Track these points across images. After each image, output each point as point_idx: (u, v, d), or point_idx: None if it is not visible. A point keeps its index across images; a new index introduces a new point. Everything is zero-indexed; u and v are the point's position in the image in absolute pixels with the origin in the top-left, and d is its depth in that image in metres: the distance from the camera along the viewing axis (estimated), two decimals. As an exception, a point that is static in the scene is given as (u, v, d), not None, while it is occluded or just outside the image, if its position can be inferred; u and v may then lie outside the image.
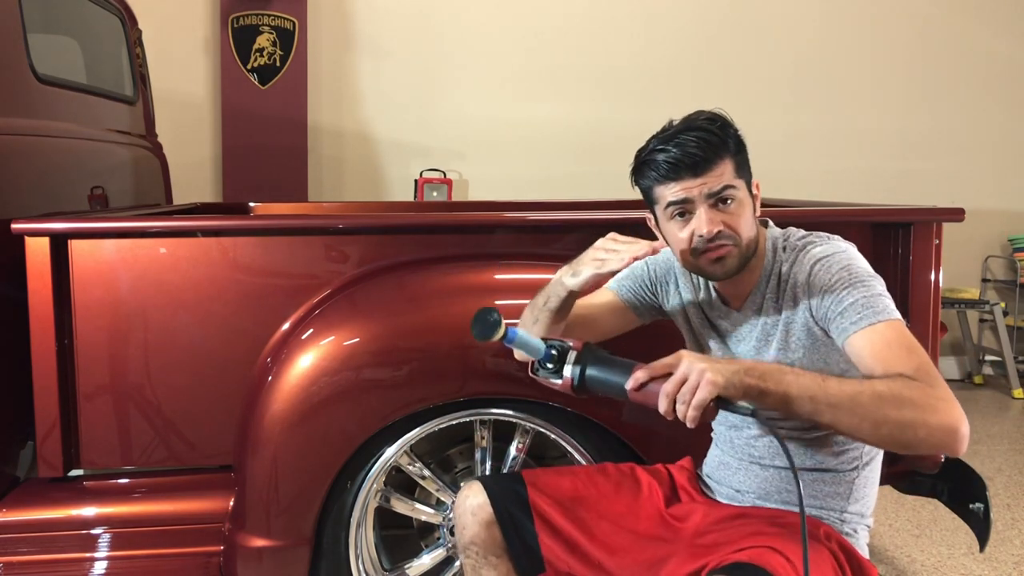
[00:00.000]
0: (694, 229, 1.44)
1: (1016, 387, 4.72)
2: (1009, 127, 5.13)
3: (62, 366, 1.89)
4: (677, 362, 1.27)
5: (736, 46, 4.96)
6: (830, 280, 1.40)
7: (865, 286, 1.38)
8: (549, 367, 1.35)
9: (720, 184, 1.43)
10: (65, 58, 2.62)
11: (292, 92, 4.67)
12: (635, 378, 1.29)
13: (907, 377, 1.26)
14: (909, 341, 1.33)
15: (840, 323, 1.37)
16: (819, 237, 1.51)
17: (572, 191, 4.82)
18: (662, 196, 1.47)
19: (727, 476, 1.59)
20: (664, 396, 1.26)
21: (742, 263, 1.46)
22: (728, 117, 1.48)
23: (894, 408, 1.22)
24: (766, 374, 1.27)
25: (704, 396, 1.22)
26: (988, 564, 2.67)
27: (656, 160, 1.45)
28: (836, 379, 1.28)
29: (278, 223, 2.07)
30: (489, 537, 1.55)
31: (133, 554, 1.92)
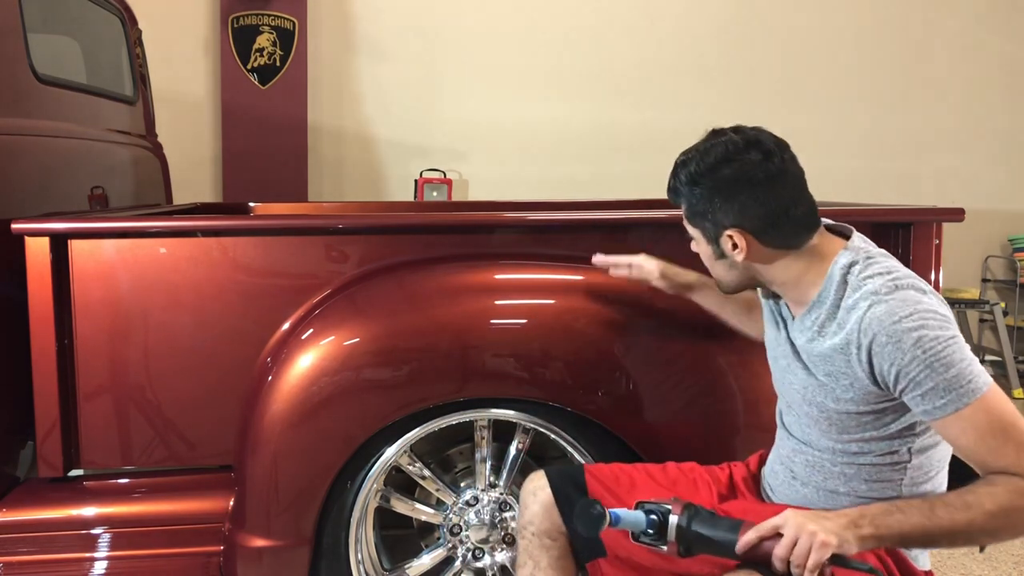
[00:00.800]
0: None
1: (1016, 387, 4.72)
2: (1009, 127, 5.13)
3: (62, 366, 1.89)
4: (784, 522, 1.24)
5: (736, 46, 4.96)
6: (903, 358, 1.29)
7: (942, 364, 1.27)
8: (651, 534, 1.33)
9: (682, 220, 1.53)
10: (65, 58, 2.62)
11: (292, 92, 4.67)
12: (744, 542, 1.27)
13: (1011, 475, 1.25)
14: (1002, 421, 1.27)
15: (922, 405, 1.30)
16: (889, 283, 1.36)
17: (572, 191, 4.82)
18: None
19: (777, 485, 1.58)
20: (777, 560, 1.24)
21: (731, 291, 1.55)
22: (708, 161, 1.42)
23: (1009, 525, 1.24)
24: (874, 520, 1.25)
25: (819, 559, 1.20)
26: (988, 564, 2.67)
27: None
28: (943, 505, 1.26)
29: (278, 223, 2.07)
30: (547, 519, 1.59)
31: (133, 554, 1.92)
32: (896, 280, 1.37)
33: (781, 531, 1.24)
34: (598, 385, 1.87)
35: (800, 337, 1.47)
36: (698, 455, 1.77)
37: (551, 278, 1.94)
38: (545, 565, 1.59)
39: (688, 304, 1.86)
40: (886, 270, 1.39)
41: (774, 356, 1.59)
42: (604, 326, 1.88)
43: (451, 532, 2.00)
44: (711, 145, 1.43)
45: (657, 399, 1.89)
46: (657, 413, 1.89)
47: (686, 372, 1.90)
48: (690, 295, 1.83)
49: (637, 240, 2.05)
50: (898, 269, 1.41)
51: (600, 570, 1.57)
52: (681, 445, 1.88)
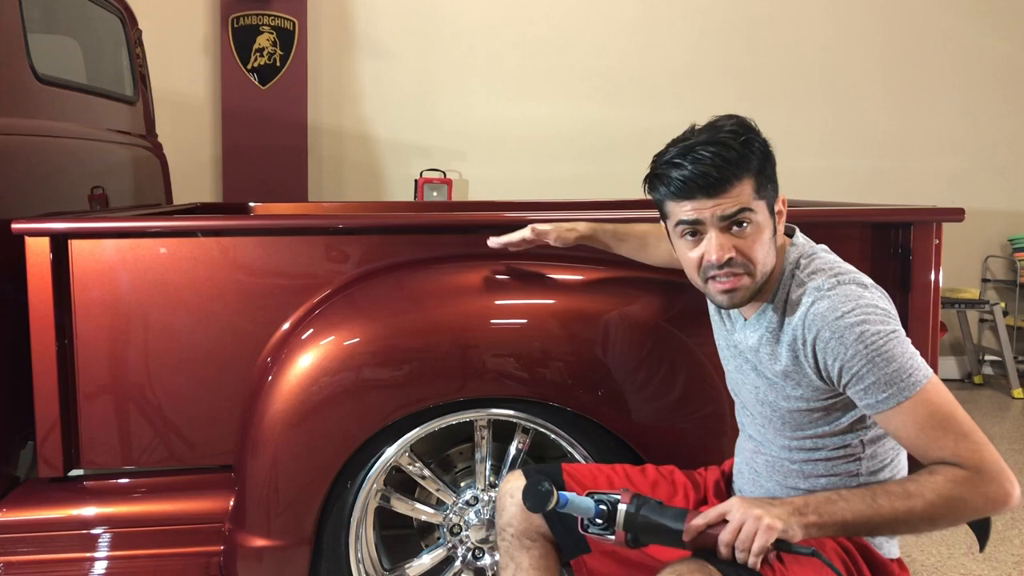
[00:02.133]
0: (703, 253, 1.39)
1: (1016, 387, 4.72)
2: (1009, 127, 5.12)
3: (62, 366, 1.89)
4: (730, 509, 1.26)
5: (736, 46, 4.96)
6: (845, 352, 1.32)
7: (883, 358, 1.30)
8: (599, 523, 1.34)
9: (735, 207, 1.35)
10: (65, 58, 2.62)
11: (292, 92, 4.67)
12: (690, 528, 1.28)
13: (951, 465, 1.27)
14: (941, 413, 1.29)
15: (865, 399, 1.33)
16: (831, 279, 1.39)
17: (572, 191, 4.82)
18: (673, 213, 1.42)
19: (743, 485, 1.60)
20: (723, 545, 1.25)
21: (753, 294, 1.41)
22: (754, 127, 1.40)
23: (949, 512, 1.27)
24: (818, 508, 1.27)
25: (764, 543, 1.22)
26: (988, 564, 2.67)
27: (669, 176, 1.38)
28: (885, 494, 1.28)
29: (278, 223, 2.07)
30: (525, 520, 1.57)
31: (133, 554, 1.92)
32: (838, 276, 1.39)
33: (727, 517, 1.26)
34: (598, 385, 1.87)
35: (751, 338, 1.49)
36: (698, 454, 1.78)
37: (551, 278, 1.94)
38: (527, 566, 1.59)
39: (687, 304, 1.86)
40: (828, 265, 1.42)
41: (725, 358, 1.62)
42: (604, 326, 1.88)
43: (451, 532, 2.01)
44: (739, 119, 1.41)
45: (656, 398, 1.89)
46: (656, 412, 1.89)
47: (686, 372, 1.90)
48: (587, 243, 1.85)
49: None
50: (839, 264, 1.44)
51: (584, 566, 1.57)
52: (680, 444, 1.89)
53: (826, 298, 1.36)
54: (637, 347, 1.88)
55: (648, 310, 1.90)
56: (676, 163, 1.37)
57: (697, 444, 1.89)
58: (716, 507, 1.29)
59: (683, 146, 1.38)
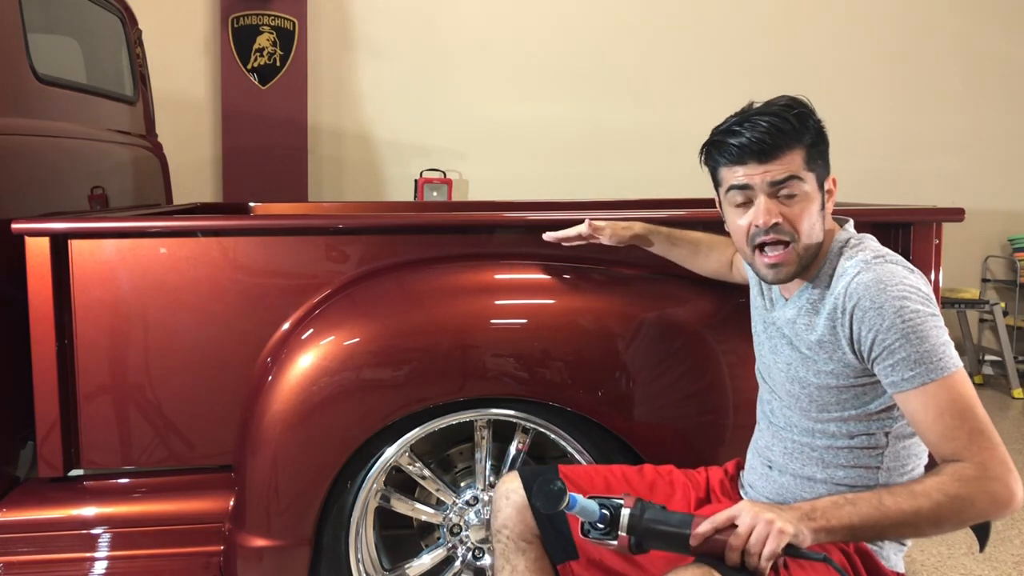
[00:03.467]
0: (751, 219, 1.41)
1: (1016, 387, 4.72)
2: (1009, 127, 5.13)
3: (62, 366, 1.89)
4: (740, 513, 1.25)
5: (736, 46, 4.96)
6: (882, 324, 1.33)
7: (918, 336, 1.30)
8: (601, 528, 1.30)
9: (784, 174, 1.38)
10: (65, 58, 2.62)
11: (292, 92, 4.67)
12: (698, 534, 1.26)
13: (961, 463, 1.27)
14: (962, 403, 1.29)
15: (891, 376, 1.33)
16: (878, 258, 1.41)
17: (572, 191, 4.82)
18: (725, 179, 1.45)
19: (756, 480, 1.59)
20: (732, 550, 1.23)
21: (799, 269, 1.43)
22: (810, 105, 1.43)
23: (955, 513, 1.26)
24: (826, 513, 1.27)
25: (775, 548, 1.21)
26: (988, 564, 2.67)
27: (724, 142, 1.42)
28: (890, 495, 1.28)
29: (278, 223, 2.07)
30: (520, 521, 1.57)
31: (133, 554, 1.92)
32: (885, 255, 1.42)
33: (736, 522, 1.25)
34: (598, 385, 1.87)
35: (790, 312, 1.50)
36: (698, 454, 1.78)
37: (551, 278, 1.94)
38: (522, 568, 1.58)
39: (688, 304, 1.86)
40: (876, 248, 1.46)
41: (760, 342, 1.61)
42: (604, 326, 1.88)
43: (451, 532, 2.01)
44: (796, 98, 1.44)
45: (657, 399, 1.89)
46: (657, 412, 1.89)
47: (686, 372, 1.90)
48: (641, 244, 1.86)
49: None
50: (888, 251, 1.46)
51: (572, 572, 1.56)
52: (680, 444, 1.89)
53: (872, 270, 1.38)
54: (637, 347, 1.88)
55: (648, 310, 1.90)
56: (733, 130, 1.42)
57: (697, 444, 1.89)
58: (724, 511, 1.27)
59: (741, 116, 1.43)
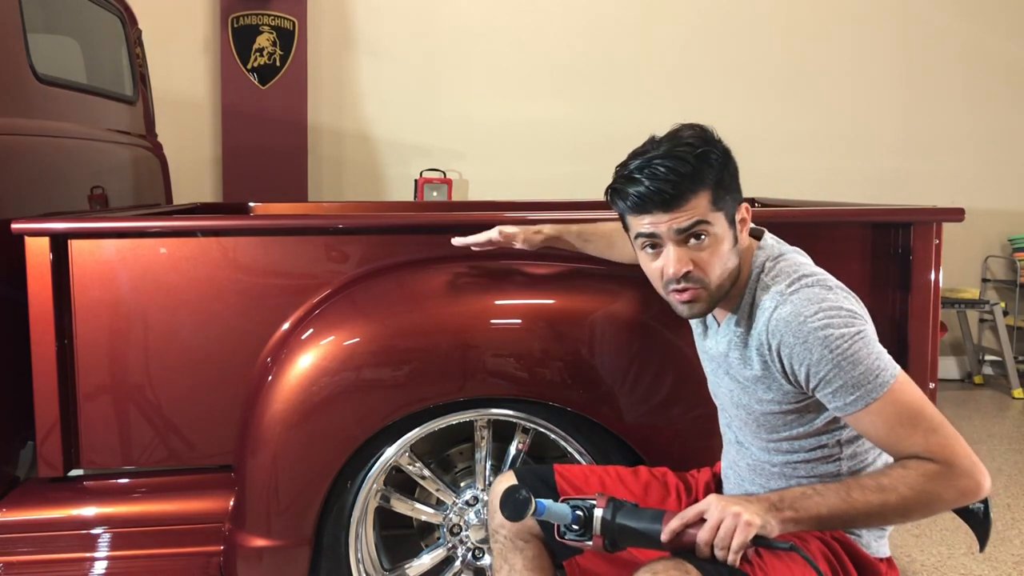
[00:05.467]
0: (662, 266, 1.41)
1: (1016, 387, 4.72)
2: (1009, 127, 5.12)
3: (62, 366, 1.89)
4: (707, 507, 1.27)
5: (736, 45, 4.96)
6: (811, 357, 1.33)
7: (850, 362, 1.30)
8: (576, 529, 1.32)
9: (690, 220, 1.37)
10: (65, 58, 2.62)
11: (292, 92, 4.67)
12: (669, 529, 1.29)
13: (924, 459, 1.28)
14: (910, 410, 1.31)
15: (833, 402, 1.34)
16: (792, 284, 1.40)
17: (572, 191, 4.81)
18: (632, 226, 1.44)
19: (730, 488, 1.62)
20: (702, 544, 1.26)
21: (713, 304, 1.43)
22: (713, 137, 1.41)
23: (923, 506, 1.29)
24: (794, 503, 1.29)
25: (743, 539, 1.23)
26: (988, 564, 2.67)
27: (626, 191, 1.40)
28: (859, 488, 1.29)
29: (278, 223, 2.07)
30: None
31: (133, 554, 1.92)
32: (800, 278, 1.40)
33: (705, 516, 1.27)
34: (598, 385, 1.87)
35: (722, 343, 1.51)
36: (698, 454, 1.78)
37: (551, 278, 1.94)
38: (520, 567, 1.59)
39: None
40: (792, 268, 1.43)
41: (704, 363, 1.63)
42: (603, 326, 1.88)
43: (451, 532, 2.01)
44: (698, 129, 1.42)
45: (657, 399, 1.89)
46: (656, 413, 1.89)
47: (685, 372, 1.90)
48: (554, 245, 1.86)
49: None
50: (804, 267, 1.44)
51: (578, 566, 1.57)
52: (680, 444, 1.88)
53: (788, 303, 1.37)
54: (637, 347, 1.88)
55: (648, 310, 1.90)
56: (634, 178, 1.39)
57: (697, 444, 1.89)
58: (693, 507, 1.30)
59: (640, 161, 1.40)
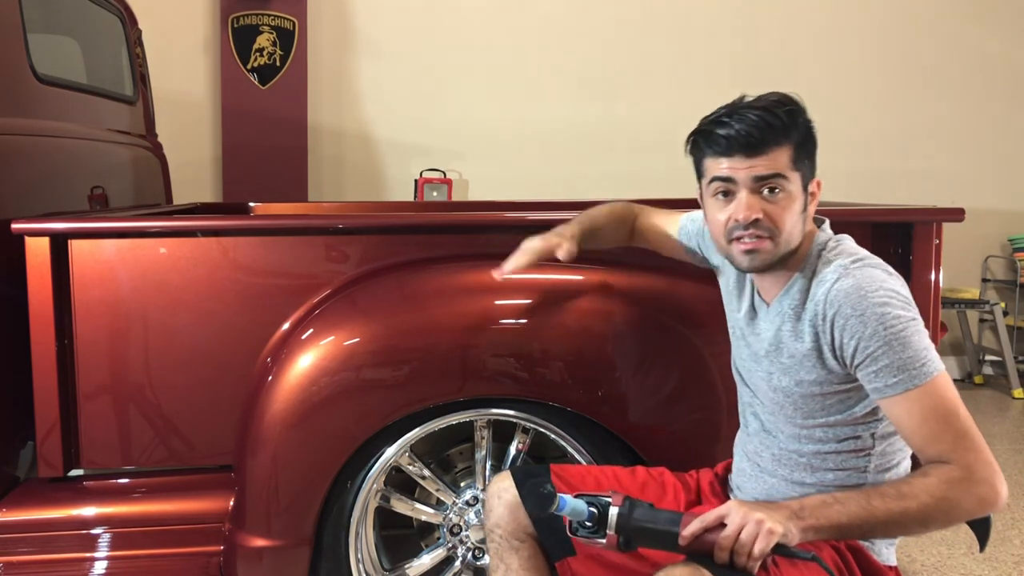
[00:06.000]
0: (731, 212, 1.39)
1: (1016, 387, 4.72)
2: (1009, 127, 5.13)
3: (62, 366, 1.89)
4: (728, 512, 1.25)
5: (736, 46, 4.96)
6: (864, 331, 1.32)
7: (900, 343, 1.30)
8: (589, 526, 1.30)
9: (770, 170, 1.36)
10: (65, 58, 2.62)
11: (292, 92, 4.67)
12: (687, 532, 1.26)
13: (947, 465, 1.28)
14: (946, 407, 1.30)
15: (874, 382, 1.33)
16: (856, 262, 1.41)
17: (572, 191, 4.82)
18: (709, 170, 1.42)
19: (744, 482, 1.59)
20: (721, 549, 1.23)
21: (775, 261, 1.40)
22: (802, 104, 1.41)
23: (942, 514, 1.28)
24: (814, 511, 1.27)
25: (764, 547, 1.21)
26: (988, 564, 2.67)
27: (712, 132, 1.39)
28: (879, 496, 1.28)
29: (278, 223, 2.07)
30: (513, 520, 1.56)
31: (133, 554, 1.92)
32: (865, 258, 1.42)
33: (724, 521, 1.25)
34: (598, 385, 1.87)
35: (773, 320, 1.49)
36: (698, 455, 1.78)
37: (551, 278, 1.94)
38: (516, 567, 1.58)
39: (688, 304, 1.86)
40: (855, 250, 1.45)
41: (739, 346, 1.59)
42: (604, 326, 1.88)
43: (451, 532, 2.01)
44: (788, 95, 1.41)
45: (656, 398, 1.89)
46: (656, 412, 1.89)
47: (685, 372, 1.90)
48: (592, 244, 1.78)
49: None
50: (865, 252, 1.45)
51: (570, 568, 1.56)
52: (679, 444, 1.89)
53: (851, 276, 1.37)
54: (637, 347, 1.88)
55: (649, 310, 1.90)
56: (722, 121, 1.39)
57: (697, 444, 1.89)
58: (713, 510, 1.27)
59: (730, 107, 1.40)
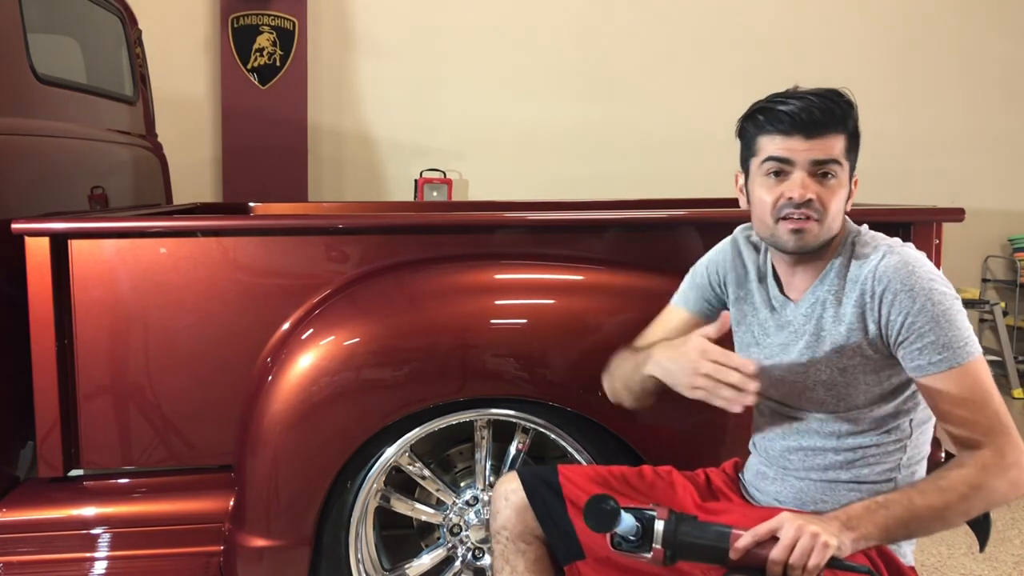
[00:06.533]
0: (784, 191, 1.39)
1: (1016, 387, 4.72)
2: (1010, 127, 5.13)
3: (62, 366, 1.89)
4: (781, 525, 1.23)
5: (736, 46, 4.96)
6: (913, 306, 1.34)
7: (947, 320, 1.33)
8: (632, 540, 1.27)
9: (828, 155, 1.38)
10: (65, 58, 2.62)
11: (292, 92, 4.67)
12: (738, 547, 1.23)
13: (978, 452, 1.30)
14: (983, 390, 1.32)
15: (917, 359, 1.34)
16: (896, 243, 1.44)
17: (571, 191, 4.82)
18: (763, 148, 1.41)
19: (764, 485, 1.56)
20: (775, 563, 1.21)
21: (818, 244, 1.41)
22: (855, 103, 1.43)
23: (981, 501, 1.29)
24: (862, 520, 1.26)
25: (820, 561, 1.19)
26: (988, 564, 2.67)
27: (773, 108, 1.39)
28: (919, 494, 1.28)
29: (278, 223, 2.07)
30: (520, 522, 1.55)
31: (133, 554, 1.92)
32: (902, 243, 1.44)
33: (778, 534, 1.23)
34: (598, 385, 1.87)
35: (805, 310, 1.47)
36: (699, 454, 1.78)
37: (551, 278, 1.94)
38: (522, 569, 1.57)
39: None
40: (888, 237, 1.47)
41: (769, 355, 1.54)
42: (604, 326, 1.88)
43: (451, 532, 2.01)
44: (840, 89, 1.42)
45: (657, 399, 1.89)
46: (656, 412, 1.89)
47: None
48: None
49: (637, 240, 2.05)
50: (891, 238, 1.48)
51: (579, 572, 1.54)
52: (680, 444, 1.88)
53: (896, 254, 1.40)
54: (637, 347, 1.88)
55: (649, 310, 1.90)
56: (782, 99, 1.39)
57: (698, 444, 1.89)
58: (764, 524, 1.25)
59: (789, 91, 1.41)
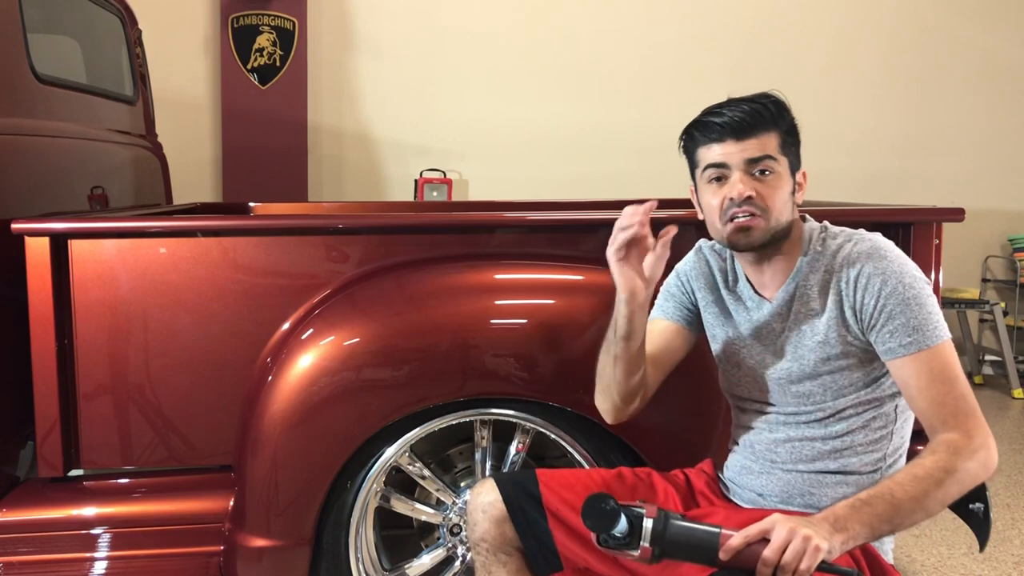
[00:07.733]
0: (726, 193, 1.46)
1: (1016, 387, 4.72)
2: (1009, 127, 5.13)
3: (62, 366, 1.89)
4: (772, 527, 1.22)
5: (736, 46, 4.97)
6: (884, 288, 1.40)
7: (918, 303, 1.38)
8: (618, 537, 1.24)
9: (760, 152, 1.45)
10: (65, 58, 2.62)
11: (292, 92, 4.67)
12: (729, 547, 1.22)
13: (947, 436, 1.34)
14: (952, 371, 1.37)
15: (888, 342, 1.39)
16: (860, 231, 1.50)
17: (572, 191, 4.82)
18: (703, 158, 1.50)
19: (749, 480, 1.57)
20: (765, 565, 1.20)
21: (767, 239, 1.46)
22: (787, 102, 1.51)
23: (957, 484, 1.32)
24: (848, 520, 1.26)
25: (811, 564, 1.18)
26: (988, 564, 2.67)
27: (704, 121, 1.49)
28: (898, 486, 1.30)
29: (278, 223, 2.07)
30: (500, 534, 1.53)
31: (133, 554, 1.92)
32: (863, 231, 1.50)
33: (768, 536, 1.22)
34: (598, 385, 1.87)
35: (785, 306, 1.51)
36: (700, 455, 1.78)
37: (551, 278, 1.94)
38: None
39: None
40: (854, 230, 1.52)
41: (746, 353, 1.57)
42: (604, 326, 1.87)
43: (451, 532, 2.01)
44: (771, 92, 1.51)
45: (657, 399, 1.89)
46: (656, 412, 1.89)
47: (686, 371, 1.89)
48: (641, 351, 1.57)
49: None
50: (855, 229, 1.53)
51: None
52: (680, 444, 1.89)
53: (867, 241, 1.46)
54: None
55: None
56: (714, 111, 1.49)
57: (698, 444, 1.89)
58: (756, 524, 1.24)
59: (721, 103, 1.50)
